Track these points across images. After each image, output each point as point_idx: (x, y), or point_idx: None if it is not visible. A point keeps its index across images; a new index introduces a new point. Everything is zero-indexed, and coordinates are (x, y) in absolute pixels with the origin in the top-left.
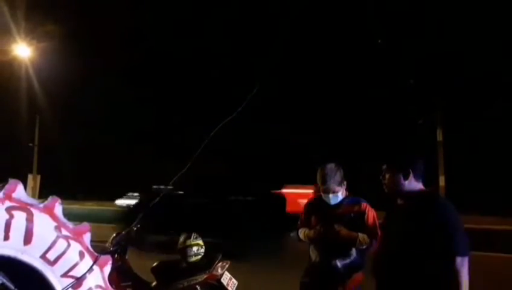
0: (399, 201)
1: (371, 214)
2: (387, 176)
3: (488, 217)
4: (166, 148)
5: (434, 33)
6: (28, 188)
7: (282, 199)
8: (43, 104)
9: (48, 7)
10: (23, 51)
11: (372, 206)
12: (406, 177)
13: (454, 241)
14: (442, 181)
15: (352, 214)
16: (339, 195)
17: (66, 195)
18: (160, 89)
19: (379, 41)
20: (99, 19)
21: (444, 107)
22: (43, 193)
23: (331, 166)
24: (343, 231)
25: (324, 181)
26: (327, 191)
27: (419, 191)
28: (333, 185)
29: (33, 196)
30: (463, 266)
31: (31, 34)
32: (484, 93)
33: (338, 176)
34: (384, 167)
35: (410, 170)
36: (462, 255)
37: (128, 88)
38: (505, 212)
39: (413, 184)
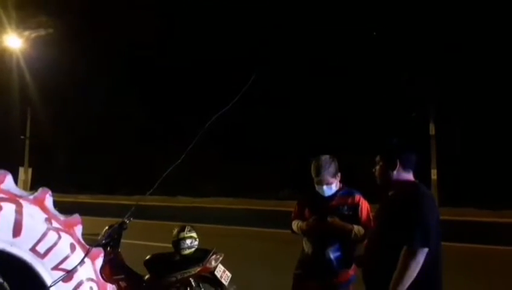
0: (390, 193)
1: (364, 206)
2: (377, 167)
3: (480, 210)
4: (161, 141)
5: (428, 26)
6: (19, 181)
7: None
8: (35, 97)
9: None
10: (14, 41)
11: (367, 199)
12: (393, 168)
13: (408, 232)
14: (434, 174)
15: (345, 206)
16: (332, 187)
17: (58, 188)
18: (156, 81)
19: (374, 34)
20: (94, 9)
21: (436, 100)
22: (34, 187)
23: (325, 157)
24: (337, 222)
25: (318, 172)
26: (321, 183)
27: (404, 182)
28: (327, 177)
29: (24, 189)
30: (413, 257)
31: (23, 24)
32: (477, 86)
33: (332, 167)
34: (377, 158)
35: (398, 160)
36: (414, 246)
37: (123, 80)
38: (497, 205)
39: (401, 175)
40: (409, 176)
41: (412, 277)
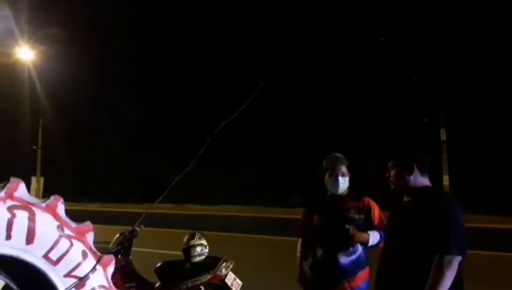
0: (405, 198)
1: (376, 208)
2: (392, 172)
3: (492, 216)
4: (171, 150)
5: (438, 32)
6: (31, 190)
7: None
8: (47, 107)
9: (51, 10)
10: (26, 53)
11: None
12: (411, 172)
13: (444, 239)
14: (446, 180)
15: (357, 209)
16: (346, 180)
17: (68, 197)
18: (163, 89)
19: (382, 39)
20: (102, 22)
21: (447, 106)
22: (46, 195)
23: (340, 155)
24: (357, 235)
25: (334, 160)
26: (335, 172)
27: (423, 187)
28: (342, 167)
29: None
30: (449, 265)
31: (34, 36)
32: (488, 92)
33: (347, 162)
34: (390, 164)
35: (415, 165)
36: (451, 254)
37: (131, 90)
38: (509, 211)
39: (419, 180)
40: (426, 180)
41: (447, 286)
